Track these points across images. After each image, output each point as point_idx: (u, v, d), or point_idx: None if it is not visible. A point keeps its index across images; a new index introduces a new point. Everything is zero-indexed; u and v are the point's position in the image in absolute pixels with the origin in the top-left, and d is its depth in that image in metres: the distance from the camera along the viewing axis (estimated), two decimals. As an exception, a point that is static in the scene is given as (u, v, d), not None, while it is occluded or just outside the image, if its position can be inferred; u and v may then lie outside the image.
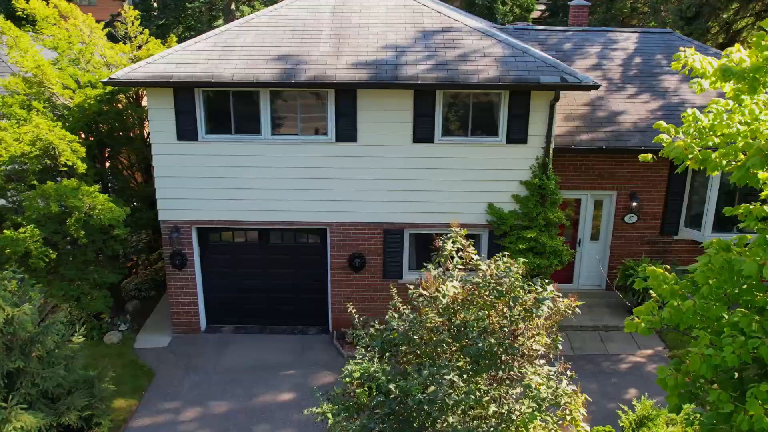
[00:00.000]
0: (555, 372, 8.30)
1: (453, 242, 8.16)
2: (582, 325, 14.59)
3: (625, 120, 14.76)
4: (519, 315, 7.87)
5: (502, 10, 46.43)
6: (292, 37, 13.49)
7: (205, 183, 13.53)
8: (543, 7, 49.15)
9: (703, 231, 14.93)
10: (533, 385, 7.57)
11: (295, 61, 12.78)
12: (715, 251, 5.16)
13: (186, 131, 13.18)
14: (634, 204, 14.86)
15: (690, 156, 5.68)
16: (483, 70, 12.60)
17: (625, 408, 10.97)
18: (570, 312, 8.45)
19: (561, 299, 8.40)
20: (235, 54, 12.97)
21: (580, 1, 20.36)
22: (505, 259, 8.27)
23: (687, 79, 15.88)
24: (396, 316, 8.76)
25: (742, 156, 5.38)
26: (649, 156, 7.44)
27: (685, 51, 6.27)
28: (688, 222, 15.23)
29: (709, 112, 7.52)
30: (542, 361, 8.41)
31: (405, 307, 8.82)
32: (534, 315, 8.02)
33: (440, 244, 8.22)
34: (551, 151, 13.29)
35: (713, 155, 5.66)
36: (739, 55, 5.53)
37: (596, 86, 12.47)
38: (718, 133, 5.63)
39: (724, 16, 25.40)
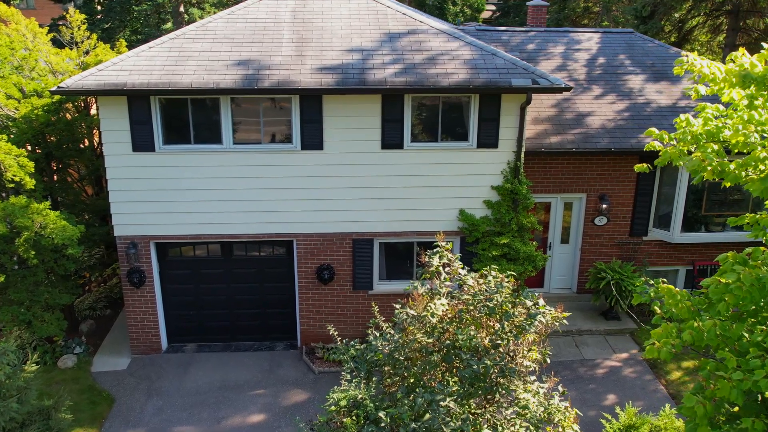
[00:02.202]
0: (546, 388, 8.00)
1: (440, 257, 7.74)
2: (555, 330, 14.37)
3: (592, 121, 14.60)
4: (512, 332, 7.52)
5: (452, 10, 46.43)
6: (252, 41, 12.90)
7: (164, 196, 12.82)
8: (493, 7, 49.36)
9: (672, 231, 14.89)
10: (531, 406, 7.21)
11: (256, 66, 12.19)
12: (739, 266, 4.86)
13: (142, 142, 12.46)
14: (604, 206, 14.72)
15: (709, 167, 5.38)
16: (453, 74, 12.23)
17: (609, 417, 10.75)
18: (557, 324, 8.18)
19: (549, 311, 8.11)
20: (193, 59, 12.31)
21: (538, 1, 20.21)
22: (494, 273, 7.91)
23: (651, 80, 15.85)
24: (378, 335, 8.33)
25: (762, 166, 5.09)
26: (644, 166, 7.19)
27: (687, 56, 5.98)
28: (656, 223, 15.18)
29: (698, 118, 7.29)
30: (533, 378, 8.10)
31: (387, 324, 8.38)
32: (526, 331, 7.70)
33: (426, 259, 7.80)
34: (522, 155, 13.02)
35: (731, 166, 5.37)
36: (748, 60, 5.25)
37: (568, 88, 12.23)
38: (733, 141, 5.34)
39: (676, 15, 25.70)
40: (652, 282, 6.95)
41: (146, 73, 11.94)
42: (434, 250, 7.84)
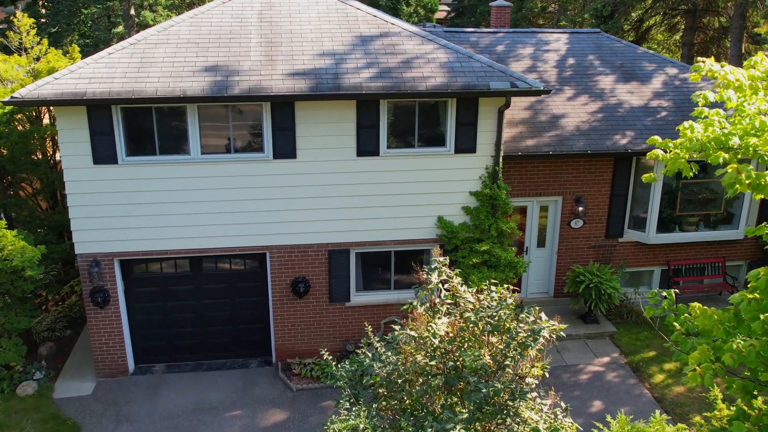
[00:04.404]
0: (548, 404, 7.70)
1: (438, 273, 7.34)
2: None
3: (567, 123, 14.43)
4: (516, 350, 7.19)
5: (406, 11, 46.31)
6: (218, 45, 12.30)
7: (128, 210, 12.13)
8: (446, 8, 49.34)
9: (648, 232, 14.83)
10: (540, 428, 6.88)
11: (225, 73, 11.62)
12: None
13: (103, 154, 11.74)
14: (580, 209, 14.55)
15: (747, 180, 5.10)
16: (429, 77, 11.87)
17: (600, 426, 10.52)
18: (554, 336, 7.92)
19: (551, 325, 7.84)
20: (157, 66, 11.66)
21: (501, 1, 20.02)
22: (493, 288, 7.55)
23: (621, 80, 15.79)
24: (370, 355, 7.90)
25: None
26: (652, 176, 6.94)
27: (704, 62, 5.71)
28: (631, 224, 15.10)
29: (698, 123, 7.07)
30: (534, 394, 7.79)
31: (379, 344, 7.95)
32: (530, 348, 7.40)
33: (424, 276, 7.39)
34: (501, 160, 12.74)
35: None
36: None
37: (547, 91, 12.01)
38: (765, 149, 5.08)
39: (634, 15, 25.90)
40: (665, 294, 6.70)
41: (107, 80, 11.25)
42: (432, 266, 7.44)
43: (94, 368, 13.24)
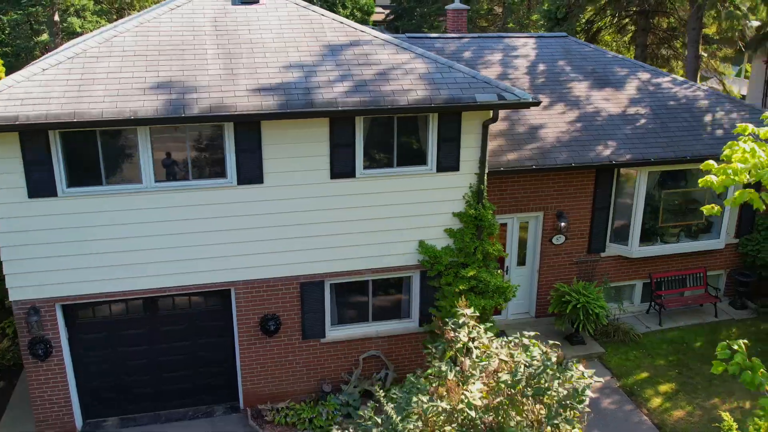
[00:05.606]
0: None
1: (468, 331, 6.25)
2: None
3: (546, 134, 13.60)
4: (561, 416, 6.19)
5: (343, 13, 45.27)
6: (170, 58, 10.88)
7: (71, 249, 10.55)
8: (382, 9, 48.44)
9: (631, 245, 14.19)
10: None
11: (180, 89, 10.22)
12: None
13: (40, 186, 10.14)
14: (562, 224, 13.74)
15: None
16: (410, 90, 10.79)
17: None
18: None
19: (592, 380, 6.95)
20: (100, 83, 10.16)
21: (458, 4, 19.14)
22: (527, 342, 6.53)
23: (596, 87, 15.13)
24: (378, 421, 6.79)
25: None
26: (716, 208, 6.11)
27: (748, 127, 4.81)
28: (613, 237, 14.41)
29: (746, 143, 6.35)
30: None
31: (388, 407, 6.82)
32: (574, 409, 6.42)
33: (452, 335, 6.29)
34: (486, 178, 11.78)
35: None
36: None
37: (536, 103, 11.12)
38: None
39: (583, 17, 25.49)
40: (735, 347, 5.87)
41: (43, 101, 9.69)
42: (459, 321, 6.35)
43: (35, 428, 11.58)
